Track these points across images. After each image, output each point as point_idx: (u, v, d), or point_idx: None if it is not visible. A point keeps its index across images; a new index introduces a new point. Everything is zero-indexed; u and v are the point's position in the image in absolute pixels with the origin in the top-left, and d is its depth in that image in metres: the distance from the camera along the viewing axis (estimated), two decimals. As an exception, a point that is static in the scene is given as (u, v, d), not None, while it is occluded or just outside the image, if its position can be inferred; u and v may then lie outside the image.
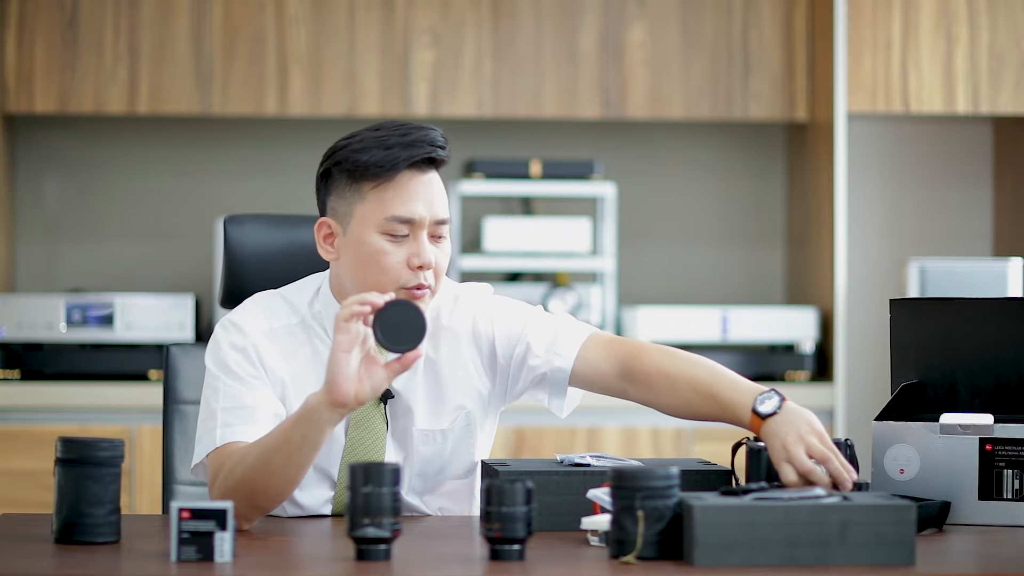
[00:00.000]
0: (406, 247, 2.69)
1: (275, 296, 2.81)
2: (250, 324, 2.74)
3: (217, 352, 2.72)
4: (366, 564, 2.24)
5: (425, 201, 2.70)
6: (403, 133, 2.72)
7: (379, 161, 2.69)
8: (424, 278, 2.69)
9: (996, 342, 2.69)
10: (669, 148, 5.68)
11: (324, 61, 5.27)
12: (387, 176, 2.69)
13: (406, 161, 2.69)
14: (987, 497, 2.61)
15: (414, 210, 2.69)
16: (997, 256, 5.56)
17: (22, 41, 5.21)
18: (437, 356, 2.80)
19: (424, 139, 2.71)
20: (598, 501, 2.45)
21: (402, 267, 2.69)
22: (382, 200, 2.69)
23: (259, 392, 2.69)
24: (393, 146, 2.70)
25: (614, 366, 2.77)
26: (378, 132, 2.73)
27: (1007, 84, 5.20)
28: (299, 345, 2.75)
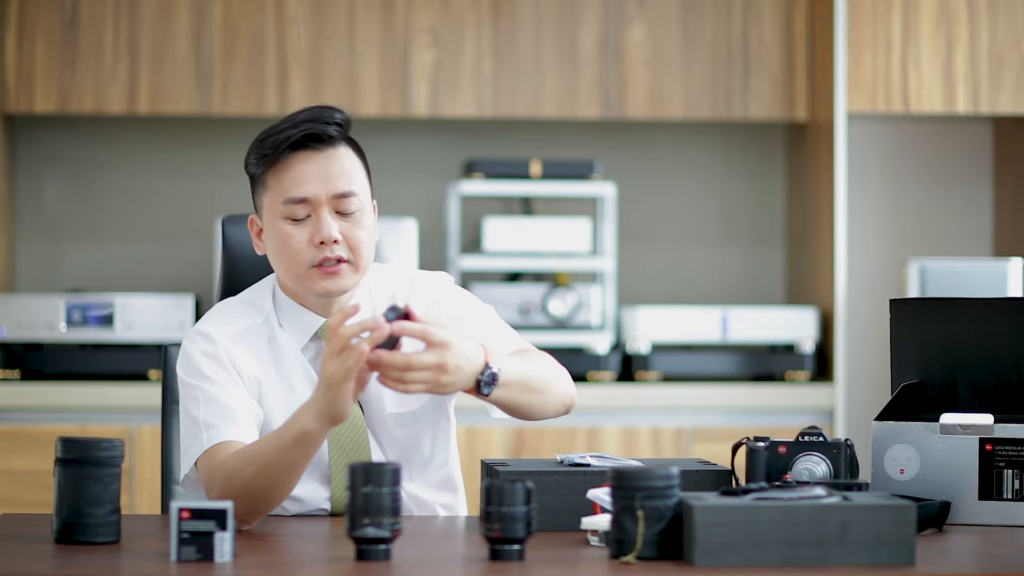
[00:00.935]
0: (309, 226, 2.72)
1: (235, 301, 2.83)
2: (216, 330, 2.76)
3: (188, 362, 2.73)
4: (366, 564, 2.24)
5: (320, 178, 2.72)
6: (295, 115, 2.74)
7: (268, 148, 2.72)
8: (332, 252, 2.71)
9: (996, 342, 2.69)
10: (669, 148, 5.68)
11: (324, 61, 5.27)
12: (279, 161, 2.72)
13: (287, 142, 2.71)
14: (987, 497, 2.61)
15: (307, 189, 2.71)
16: (997, 256, 5.56)
17: (22, 41, 5.21)
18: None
19: (310, 118, 2.72)
20: (598, 501, 2.45)
21: (307, 247, 2.72)
22: (279, 185, 2.73)
23: (236, 393, 2.70)
24: (282, 131, 2.72)
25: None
26: (277, 124, 2.75)
27: (1007, 84, 5.20)
28: (266, 343, 2.77)
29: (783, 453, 2.64)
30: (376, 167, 6.01)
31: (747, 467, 2.65)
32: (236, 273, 3.04)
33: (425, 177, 5.55)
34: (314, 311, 2.79)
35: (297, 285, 2.76)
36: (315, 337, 2.78)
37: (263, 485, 2.54)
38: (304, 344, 2.78)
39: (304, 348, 2.79)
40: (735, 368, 5.25)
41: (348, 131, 2.77)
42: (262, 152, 2.73)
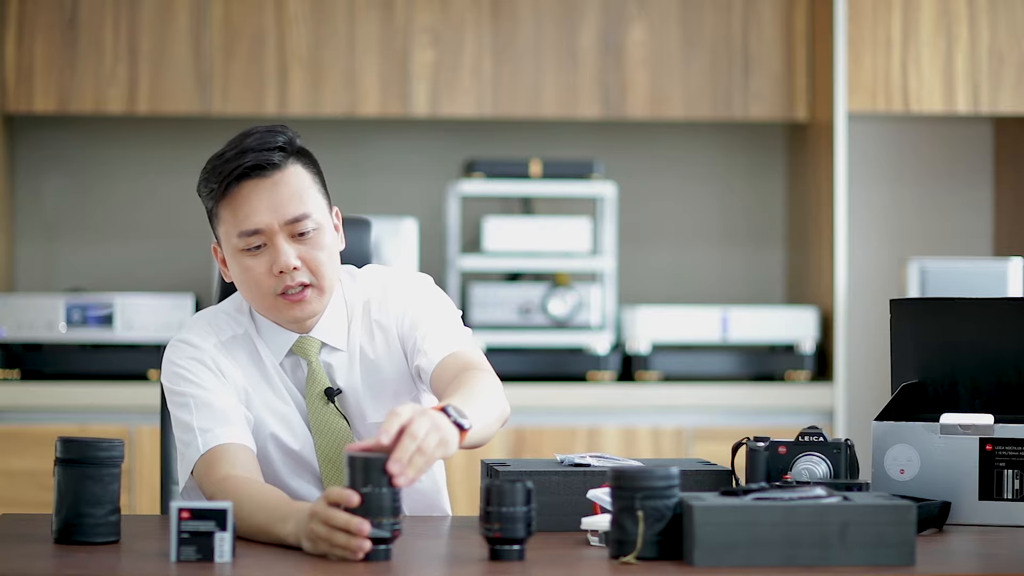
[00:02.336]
0: (266, 256, 2.68)
1: (216, 312, 2.81)
2: (201, 339, 2.74)
3: (174, 370, 2.71)
4: (367, 564, 2.24)
5: (269, 206, 2.67)
6: (236, 145, 2.68)
7: (215, 182, 2.67)
8: (292, 279, 2.67)
9: (996, 342, 2.69)
10: (669, 148, 5.68)
11: (324, 61, 5.27)
12: (228, 193, 2.67)
13: (235, 174, 2.66)
14: (987, 497, 2.61)
15: (258, 220, 2.67)
16: (997, 256, 5.56)
17: (22, 41, 5.21)
18: (373, 349, 2.79)
19: (252, 146, 2.67)
20: (598, 501, 2.45)
21: (267, 277, 2.68)
22: (232, 218, 2.68)
23: (226, 397, 2.69)
24: (227, 161, 2.67)
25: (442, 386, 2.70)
26: (223, 150, 2.69)
27: (1007, 84, 5.20)
28: (248, 354, 2.76)
29: (783, 453, 2.64)
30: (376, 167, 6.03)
31: (747, 467, 2.65)
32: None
33: (425, 177, 5.55)
34: (288, 329, 2.77)
35: (267, 315, 2.74)
36: (290, 353, 2.77)
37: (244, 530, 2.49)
38: (282, 359, 2.77)
39: (281, 363, 2.77)
40: (735, 368, 5.25)
41: (294, 150, 2.71)
42: (210, 186, 2.68)
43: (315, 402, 2.75)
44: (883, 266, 5.60)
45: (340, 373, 2.77)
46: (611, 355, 5.20)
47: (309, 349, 2.76)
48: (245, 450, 2.64)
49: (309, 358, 2.76)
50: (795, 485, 2.36)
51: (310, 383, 2.76)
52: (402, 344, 2.80)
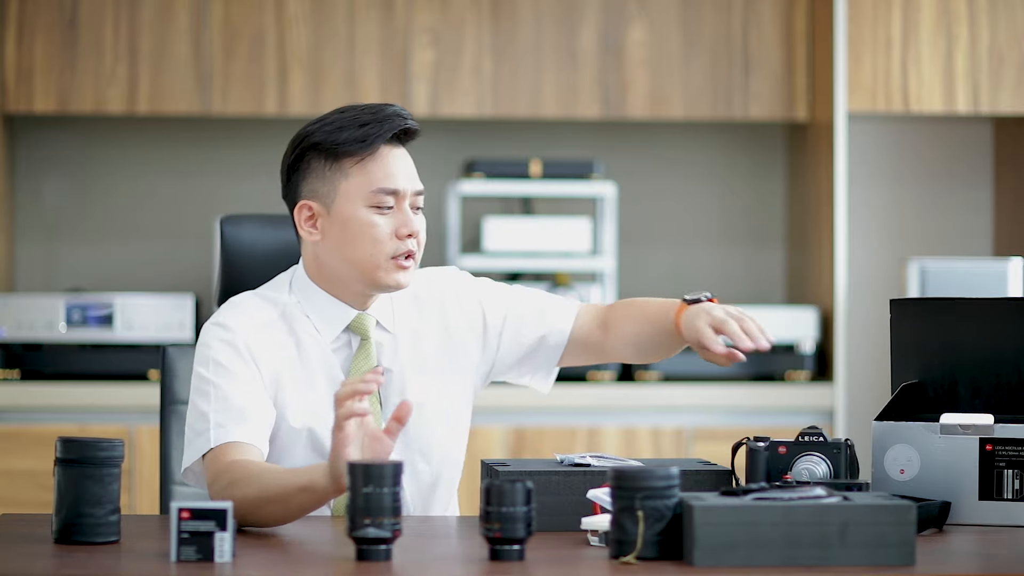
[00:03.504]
0: (392, 218, 2.77)
1: (251, 295, 2.84)
2: (236, 321, 2.76)
3: (207, 353, 2.73)
4: (366, 564, 2.24)
5: (406, 173, 2.79)
6: (372, 111, 2.79)
7: (359, 137, 2.75)
8: (412, 245, 2.77)
9: (996, 342, 2.69)
10: (669, 148, 5.68)
11: (324, 61, 5.27)
12: (368, 151, 2.76)
13: (385, 135, 2.76)
14: (987, 497, 2.61)
15: (398, 182, 2.77)
16: (997, 256, 5.56)
17: (22, 41, 5.21)
18: (424, 328, 2.85)
19: (395, 113, 2.79)
20: (598, 501, 2.45)
21: (391, 237, 2.76)
22: (366, 174, 2.76)
23: (250, 392, 2.70)
24: (368, 123, 2.76)
25: (596, 321, 2.89)
26: (347, 113, 2.78)
27: (1007, 84, 5.20)
28: (284, 336, 2.78)
29: (783, 453, 2.64)
30: (376, 167, 5.98)
31: (747, 467, 2.65)
32: (235, 273, 3.04)
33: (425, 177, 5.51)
34: (348, 304, 2.80)
35: (368, 274, 2.76)
36: (347, 329, 2.80)
37: (262, 513, 2.52)
38: (335, 335, 2.79)
39: (335, 339, 2.79)
40: (735, 368, 5.25)
41: None
42: (346, 139, 2.75)
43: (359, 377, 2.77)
44: (883, 266, 5.60)
45: (387, 353, 2.81)
46: (611, 355, 5.19)
47: (367, 326, 2.80)
48: (255, 450, 2.65)
49: (366, 334, 2.79)
50: (795, 485, 2.36)
51: (360, 357, 2.79)
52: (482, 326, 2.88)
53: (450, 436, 2.85)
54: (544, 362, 2.92)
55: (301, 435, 2.75)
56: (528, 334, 2.88)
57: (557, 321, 2.89)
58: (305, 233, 2.79)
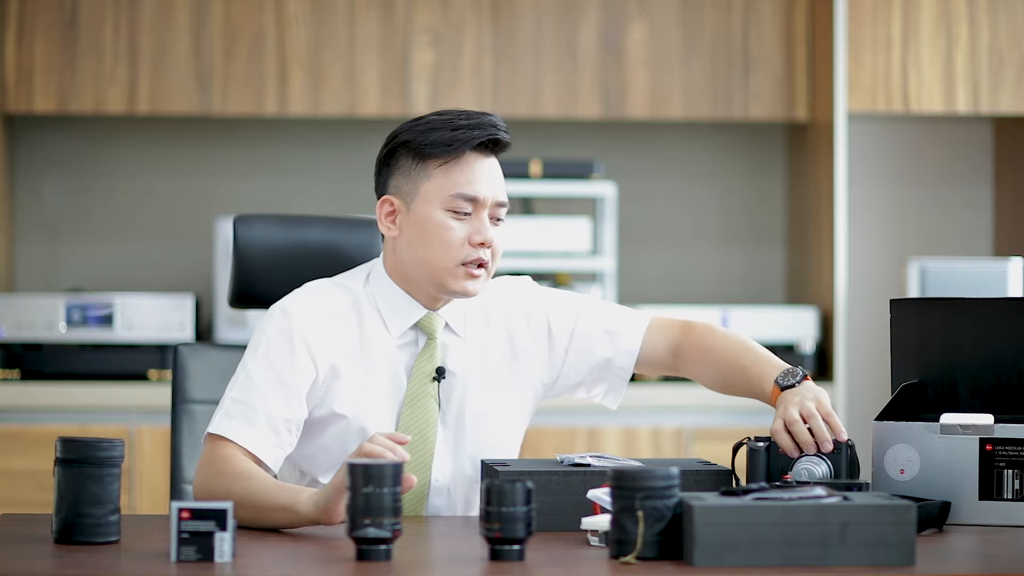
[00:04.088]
0: (468, 224, 2.77)
1: (325, 282, 2.85)
2: (298, 308, 2.77)
3: (260, 339, 2.75)
4: (366, 564, 2.24)
5: (488, 182, 2.78)
6: (468, 116, 2.79)
7: (447, 140, 2.76)
8: (484, 254, 2.77)
9: (996, 342, 2.69)
10: (669, 148, 5.68)
11: (324, 61, 5.27)
12: (454, 155, 2.77)
13: (472, 141, 2.76)
14: (987, 497, 2.61)
15: (478, 189, 2.77)
16: (997, 256, 5.56)
17: (22, 41, 5.21)
18: (491, 338, 2.86)
19: (489, 122, 2.79)
20: (598, 501, 2.45)
21: (463, 244, 2.77)
22: (448, 177, 2.77)
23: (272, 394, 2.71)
24: (460, 127, 2.77)
25: (667, 345, 2.91)
26: (443, 116, 2.79)
27: (1007, 84, 5.20)
28: (349, 327, 2.79)
29: (783, 453, 2.64)
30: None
31: (747, 467, 2.65)
32: (249, 273, 3.03)
33: (425, 177, 5.54)
34: (420, 302, 2.81)
35: (435, 277, 2.78)
36: (414, 327, 2.81)
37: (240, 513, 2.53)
38: (402, 331, 2.80)
39: (401, 335, 2.81)
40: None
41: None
42: (435, 140, 2.76)
43: (422, 376, 2.79)
44: (883, 266, 5.60)
45: (452, 356, 2.82)
46: (611, 355, 5.19)
47: (435, 325, 2.81)
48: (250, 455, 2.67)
49: (433, 334, 2.81)
50: (795, 485, 2.36)
51: (424, 357, 2.80)
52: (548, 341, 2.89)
53: (503, 447, 2.86)
54: (611, 383, 2.94)
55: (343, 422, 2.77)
56: (595, 354, 2.90)
57: (625, 342, 2.90)
58: (384, 228, 2.81)
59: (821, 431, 2.62)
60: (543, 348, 2.89)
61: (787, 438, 2.63)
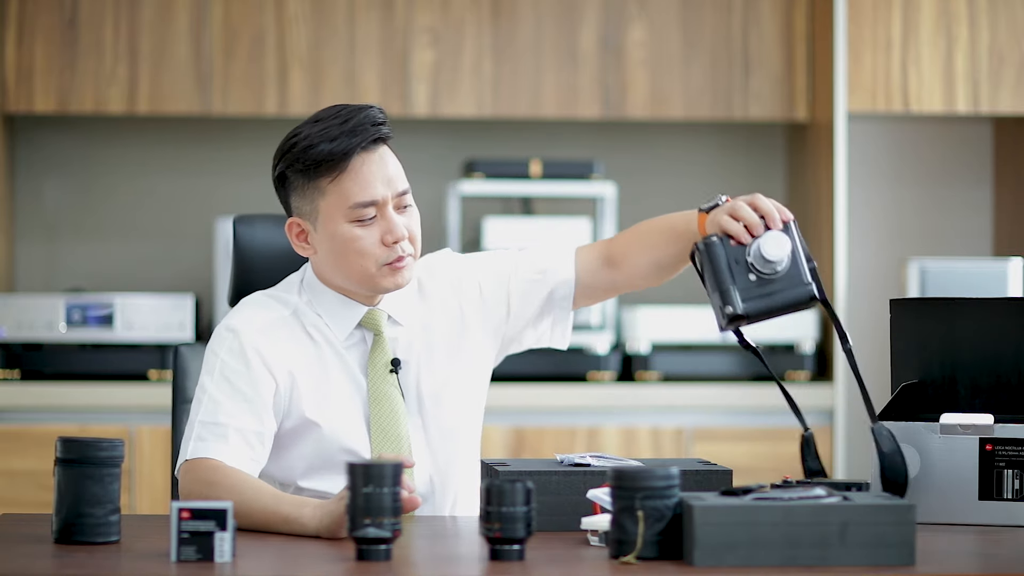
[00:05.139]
0: (377, 227, 2.76)
1: (262, 295, 2.86)
2: (244, 323, 2.78)
3: (213, 361, 2.75)
4: (366, 564, 2.24)
5: (383, 179, 2.77)
6: (343, 120, 2.76)
7: (327, 155, 2.74)
8: (401, 250, 2.77)
9: (996, 342, 2.69)
10: (669, 148, 5.68)
11: (324, 61, 5.27)
12: (340, 167, 2.75)
13: (353, 150, 2.75)
14: (987, 497, 2.61)
15: (374, 192, 2.76)
16: (997, 256, 5.56)
17: (22, 41, 5.21)
18: (432, 317, 2.87)
19: (365, 121, 2.76)
20: (598, 501, 2.45)
21: (377, 247, 2.76)
22: (341, 190, 2.76)
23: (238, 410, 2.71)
24: (337, 137, 2.75)
25: (598, 256, 2.90)
26: (319, 125, 2.77)
27: (1007, 84, 5.20)
28: (296, 334, 2.80)
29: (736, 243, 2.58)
30: (376, 167, 5.96)
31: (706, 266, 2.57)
32: (249, 273, 3.04)
33: (425, 177, 5.55)
34: (359, 301, 2.82)
35: (363, 284, 2.79)
36: (359, 326, 2.82)
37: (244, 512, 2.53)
38: (348, 332, 2.82)
39: (347, 336, 2.82)
40: (735, 368, 5.25)
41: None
42: (316, 159, 2.75)
43: (379, 371, 2.80)
44: (883, 266, 5.60)
45: (401, 347, 2.83)
46: (611, 355, 5.20)
47: (379, 321, 2.82)
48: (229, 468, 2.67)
49: (378, 329, 2.82)
50: (795, 485, 2.36)
51: (375, 353, 2.81)
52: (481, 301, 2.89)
53: (466, 421, 2.87)
54: (555, 315, 2.92)
55: (314, 428, 2.77)
56: (536, 295, 2.90)
57: (560, 273, 2.89)
58: (299, 249, 2.82)
59: (768, 206, 2.59)
60: (482, 312, 2.89)
61: (735, 223, 2.59)
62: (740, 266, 2.56)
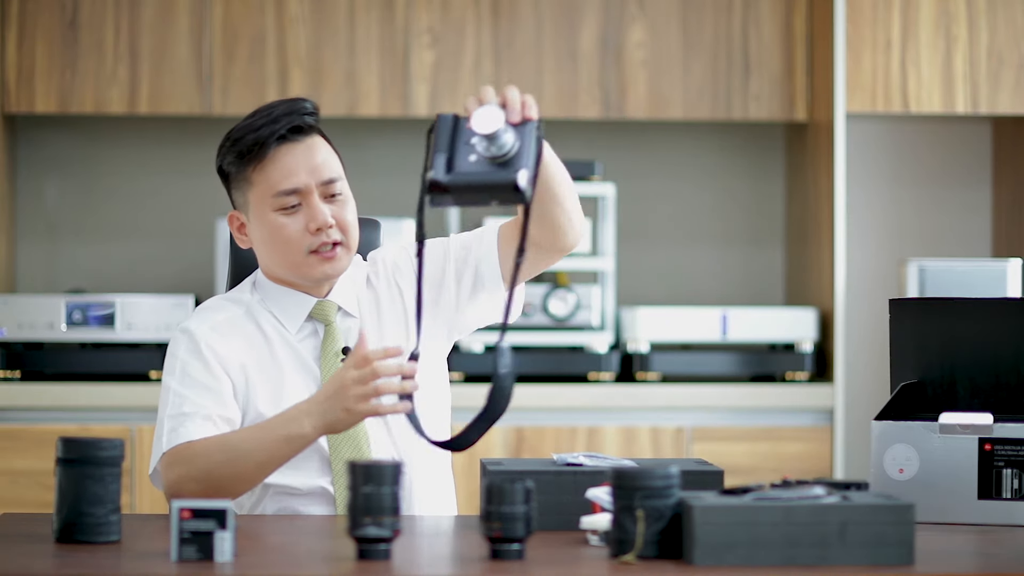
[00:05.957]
0: (301, 215, 2.81)
1: (217, 299, 2.94)
2: (196, 324, 2.85)
3: (173, 363, 2.83)
4: (366, 564, 2.25)
5: (306, 168, 2.81)
6: (268, 111, 2.83)
7: (251, 144, 2.81)
8: (328, 236, 2.81)
9: (996, 342, 2.69)
10: (669, 148, 5.68)
11: (324, 61, 5.27)
12: (262, 155, 2.81)
13: (273, 136, 2.80)
14: (987, 497, 2.62)
15: (295, 180, 2.81)
16: (997, 256, 5.56)
17: (22, 41, 5.22)
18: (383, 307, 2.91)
19: (287, 111, 2.82)
20: (598, 501, 2.45)
21: (303, 235, 2.82)
22: (266, 179, 2.82)
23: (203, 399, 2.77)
24: (259, 127, 2.81)
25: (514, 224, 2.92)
26: (250, 119, 2.84)
27: (1007, 84, 5.20)
28: (249, 330, 2.86)
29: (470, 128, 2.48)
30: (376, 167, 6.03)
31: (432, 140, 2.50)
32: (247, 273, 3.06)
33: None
34: (305, 292, 2.87)
35: (294, 273, 2.85)
36: (309, 318, 2.87)
37: (231, 474, 2.61)
38: (299, 325, 2.87)
39: (299, 329, 2.87)
40: (735, 368, 5.25)
41: (317, 120, 2.87)
42: (241, 150, 2.82)
43: (331, 361, 2.84)
44: (882, 266, 5.61)
45: (353, 337, 2.87)
46: (611, 355, 5.20)
47: (329, 312, 2.87)
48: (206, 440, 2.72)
49: (329, 320, 2.86)
50: (795, 485, 2.36)
51: (327, 343, 2.85)
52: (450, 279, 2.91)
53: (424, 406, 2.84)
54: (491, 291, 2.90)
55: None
56: (465, 276, 2.91)
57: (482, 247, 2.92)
58: (239, 241, 2.90)
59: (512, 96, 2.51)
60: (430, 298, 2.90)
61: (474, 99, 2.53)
62: (466, 146, 2.48)
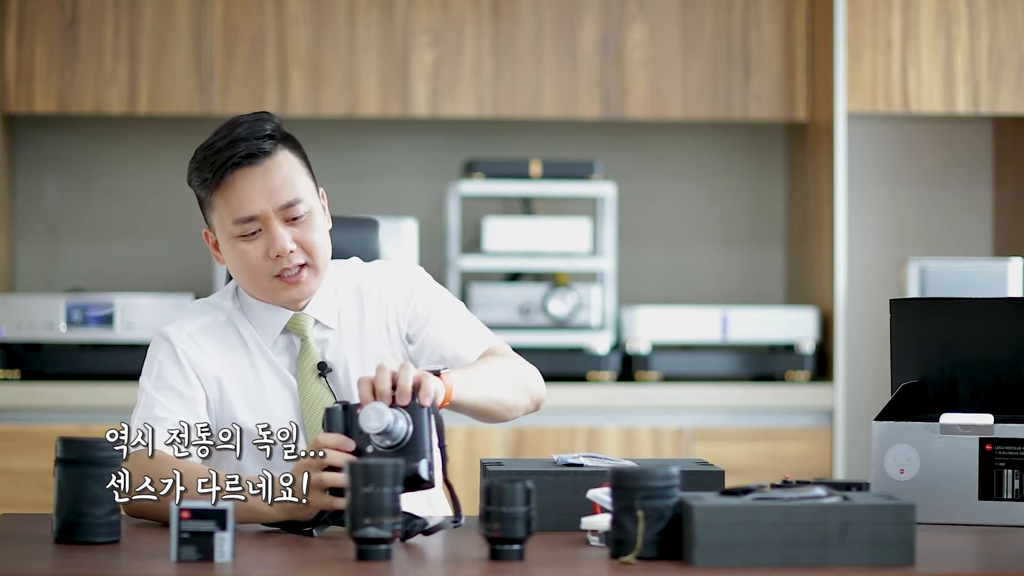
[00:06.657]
0: (262, 240, 2.78)
1: (198, 302, 2.92)
2: (175, 330, 2.84)
3: (150, 365, 2.83)
4: (366, 564, 2.25)
5: (263, 193, 2.77)
6: (229, 131, 2.80)
7: (208, 171, 2.78)
8: (289, 262, 2.77)
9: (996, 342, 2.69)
10: (669, 148, 5.68)
11: (324, 61, 5.27)
12: (221, 183, 2.78)
13: (228, 163, 2.76)
14: (987, 497, 2.62)
15: (252, 207, 2.77)
16: (997, 256, 5.56)
17: (22, 41, 5.21)
18: (367, 319, 2.88)
19: (246, 134, 2.78)
20: (598, 501, 2.45)
21: (264, 261, 2.79)
22: (226, 205, 2.79)
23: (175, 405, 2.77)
24: (218, 150, 2.77)
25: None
26: (214, 137, 2.81)
27: (1007, 84, 5.20)
28: (229, 339, 2.85)
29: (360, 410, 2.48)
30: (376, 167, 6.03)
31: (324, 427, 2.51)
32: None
33: (425, 177, 5.55)
34: (281, 306, 2.85)
35: (263, 297, 2.84)
36: (285, 331, 2.86)
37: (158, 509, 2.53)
38: (275, 337, 2.86)
39: (275, 342, 2.85)
40: (735, 368, 5.25)
41: (281, 136, 2.82)
42: (202, 175, 2.79)
43: (307, 375, 2.83)
44: (883, 266, 5.60)
45: (331, 349, 2.85)
46: (611, 355, 5.20)
47: (304, 325, 2.85)
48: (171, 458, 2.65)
49: (304, 334, 2.84)
50: (795, 485, 2.36)
51: (303, 357, 2.84)
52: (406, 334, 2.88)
53: None
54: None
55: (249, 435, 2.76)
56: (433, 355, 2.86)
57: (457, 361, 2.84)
58: (215, 258, 2.87)
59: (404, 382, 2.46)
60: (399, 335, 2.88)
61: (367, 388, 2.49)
62: (360, 435, 2.48)
